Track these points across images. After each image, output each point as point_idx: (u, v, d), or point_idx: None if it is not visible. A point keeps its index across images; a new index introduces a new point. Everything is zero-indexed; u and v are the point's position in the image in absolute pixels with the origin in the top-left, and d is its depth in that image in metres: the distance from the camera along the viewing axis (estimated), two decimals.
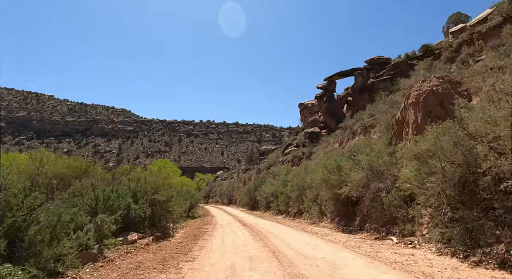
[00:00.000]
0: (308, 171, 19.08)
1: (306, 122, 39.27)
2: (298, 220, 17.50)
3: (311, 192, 16.27)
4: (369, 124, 19.00)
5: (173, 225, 15.57)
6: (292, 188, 19.10)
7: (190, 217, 22.91)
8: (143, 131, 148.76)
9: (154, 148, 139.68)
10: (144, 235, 10.19)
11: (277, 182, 23.72)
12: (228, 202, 44.02)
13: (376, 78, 30.28)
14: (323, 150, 24.72)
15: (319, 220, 14.58)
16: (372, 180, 9.81)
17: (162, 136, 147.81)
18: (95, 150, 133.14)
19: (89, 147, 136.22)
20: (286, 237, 9.88)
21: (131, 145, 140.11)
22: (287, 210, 20.29)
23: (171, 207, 13.01)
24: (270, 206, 25.23)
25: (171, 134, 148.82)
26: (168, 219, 12.57)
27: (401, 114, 10.33)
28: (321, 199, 14.34)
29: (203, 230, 13.19)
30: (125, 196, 9.71)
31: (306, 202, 16.75)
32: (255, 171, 39.32)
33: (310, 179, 15.98)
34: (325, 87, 33.96)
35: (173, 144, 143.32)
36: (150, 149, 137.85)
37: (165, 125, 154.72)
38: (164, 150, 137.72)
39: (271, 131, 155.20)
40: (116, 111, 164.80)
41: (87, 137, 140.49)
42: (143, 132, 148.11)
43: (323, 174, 12.08)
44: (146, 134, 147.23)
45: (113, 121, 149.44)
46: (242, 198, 34.83)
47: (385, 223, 9.21)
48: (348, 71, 32.89)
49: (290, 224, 14.95)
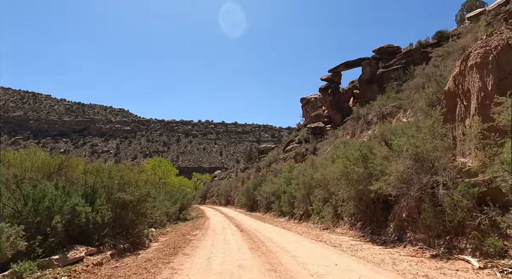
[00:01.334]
0: (315, 166, 16.19)
1: (308, 118, 36.37)
2: (306, 223, 14.58)
3: (322, 190, 13.36)
4: (387, 112, 16.13)
5: (155, 230, 12.64)
6: (297, 186, 16.19)
7: (181, 220, 19.98)
8: (141, 131, 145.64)
9: (152, 148, 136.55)
10: (103, 248, 7.25)
11: (279, 180, 20.81)
12: (226, 203, 41.04)
13: (386, 68, 27.44)
14: (330, 144, 21.81)
15: (333, 225, 11.66)
16: (419, 171, 6.91)
17: (160, 136, 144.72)
18: (93, 150, 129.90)
19: (86, 146, 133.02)
20: (300, 251, 6.98)
21: (129, 144, 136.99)
22: (292, 211, 17.37)
23: (149, 208, 10.07)
24: (271, 207, 22.31)
25: (169, 134, 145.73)
26: (143, 224, 9.63)
27: (454, 83, 7.47)
28: (337, 199, 11.45)
29: (189, 238, 10.25)
30: (72, 194, 6.78)
31: (316, 202, 13.84)
32: (254, 169, 36.36)
33: (321, 175, 13.07)
34: (330, 79, 31.09)
35: (171, 144, 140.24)
36: (148, 149, 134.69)
37: (163, 125, 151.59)
38: (162, 150, 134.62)
39: (270, 131, 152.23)
40: (114, 111, 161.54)
41: (84, 137, 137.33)
42: (141, 132, 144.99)
43: (343, 166, 9.17)
44: (144, 134, 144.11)
45: (111, 121, 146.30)
46: (240, 198, 31.86)
47: (444, 232, 6.31)
48: (355, 61, 30.04)
49: (298, 230, 12.02)
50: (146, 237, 10.01)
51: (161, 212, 13.68)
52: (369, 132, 16.18)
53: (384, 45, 29.05)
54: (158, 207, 11.71)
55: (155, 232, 12.23)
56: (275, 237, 9.70)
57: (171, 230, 13.84)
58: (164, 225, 15.36)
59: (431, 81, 9.54)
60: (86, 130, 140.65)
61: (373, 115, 16.95)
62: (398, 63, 26.62)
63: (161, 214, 13.63)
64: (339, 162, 9.77)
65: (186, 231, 13.06)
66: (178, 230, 13.53)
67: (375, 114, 16.72)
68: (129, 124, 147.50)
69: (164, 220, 15.40)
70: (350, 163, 8.95)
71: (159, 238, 10.81)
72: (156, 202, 11.30)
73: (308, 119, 36.40)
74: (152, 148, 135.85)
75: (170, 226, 15.69)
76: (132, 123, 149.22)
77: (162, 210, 14.81)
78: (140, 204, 9.31)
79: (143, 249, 8.57)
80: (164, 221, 15.38)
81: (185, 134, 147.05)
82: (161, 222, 14.87)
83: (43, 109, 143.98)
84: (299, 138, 34.01)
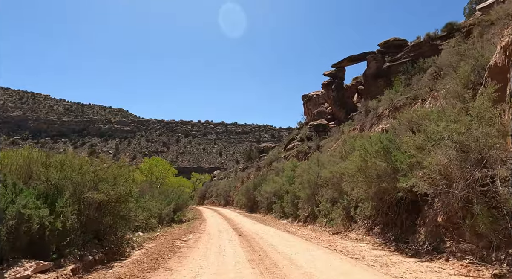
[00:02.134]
0: (322, 164, 14.66)
1: (310, 115, 34.88)
2: (312, 226, 13.04)
3: (330, 189, 11.85)
4: (400, 104, 14.61)
5: (142, 234, 11.11)
6: (301, 185, 14.65)
7: (176, 222, 18.44)
8: (141, 132, 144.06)
9: (152, 148, 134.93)
10: (64, 262, 5.71)
11: (281, 179, 19.27)
12: (225, 203, 39.47)
13: (393, 62, 25.99)
14: (335, 141, 20.29)
15: (345, 229, 10.12)
16: (463, 164, 5.39)
17: (160, 136, 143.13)
18: (92, 150, 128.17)
19: (85, 147, 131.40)
20: (313, 266, 5.44)
21: (128, 145, 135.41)
22: (295, 213, 15.82)
23: (133, 210, 8.52)
24: (272, 207, 20.78)
25: (169, 135, 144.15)
26: (123, 228, 8.07)
27: (505, 55, 5.97)
28: (349, 199, 9.92)
29: (179, 245, 8.71)
30: (19, 193, 5.24)
31: (323, 203, 12.29)
32: (254, 169, 34.80)
33: (330, 172, 11.54)
34: (333, 74, 29.60)
35: (171, 144, 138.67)
36: (148, 149, 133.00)
37: (163, 126, 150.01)
38: (161, 150, 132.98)
39: (270, 132, 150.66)
40: (114, 111, 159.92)
41: (83, 137, 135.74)
42: (141, 133, 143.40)
43: (361, 161, 7.63)
44: (143, 135, 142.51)
45: (110, 121, 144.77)
46: (239, 199, 30.32)
47: (505, 244, 4.78)
48: (360, 55, 28.56)
49: (305, 234, 10.48)
50: (128, 244, 8.47)
51: (150, 214, 12.13)
52: (380, 126, 14.66)
53: (390, 38, 27.58)
54: (145, 207, 10.15)
55: (142, 236, 10.69)
56: (279, 244, 8.15)
57: (162, 233, 12.28)
58: (154, 228, 13.83)
59: (463, 61, 8.03)
60: (85, 131, 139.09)
61: (384, 108, 15.43)
62: (406, 57, 25.18)
63: (150, 216, 12.08)
64: (354, 156, 8.23)
65: (178, 235, 11.51)
66: (169, 234, 11.98)
67: (386, 107, 15.21)
68: (128, 125, 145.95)
69: (155, 223, 13.87)
70: (370, 156, 7.40)
71: (144, 244, 9.26)
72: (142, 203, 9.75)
73: (310, 117, 34.90)
74: (152, 148, 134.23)
75: (162, 229, 14.15)
76: (132, 124, 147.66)
77: (152, 212, 13.29)
78: (119, 205, 7.77)
79: (120, 260, 7.03)
80: (155, 223, 13.85)
81: (185, 135, 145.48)
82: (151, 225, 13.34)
83: (42, 109, 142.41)
84: (300, 136, 32.50)
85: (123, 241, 8.10)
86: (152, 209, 13.33)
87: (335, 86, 28.77)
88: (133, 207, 8.62)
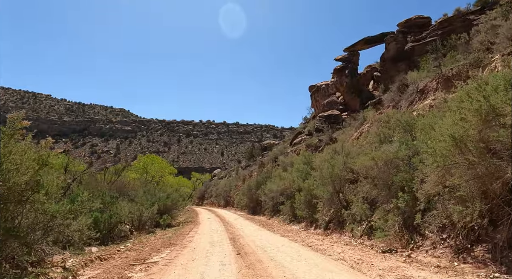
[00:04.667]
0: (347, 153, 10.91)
1: (319, 107, 31.13)
2: (339, 236, 9.29)
3: (369, 184, 8.11)
4: (452, 73, 10.86)
5: (96, 250, 7.40)
6: (322, 181, 10.86)
7: (162, 226, 14.75)
8: (142, 132, 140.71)
9: (153, 148, 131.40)
10: None
11: (291, 174, 15.49)
12: (225, 204, 35.69)
13: (417, 42, 22.26)
14: (356, 129, 16.53)
15: (402, 245, 6.36)
16: None
17: (161, 136, 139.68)
18: (92, 150, 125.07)
19: (86, 147, 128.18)
20: None
21: (129, 145, 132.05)
22: (311, 216, 12.07)
23: (56, 215, 4.85)
24: (279, 209, 17.04)
25: (170, 135, 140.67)
26: (23, 249, 4.35)
27: None
28: (407, 197, 6.19)
29: (131, 277, 5.00)
30: None
31: (358, 204, 8.52)
32: (257, 166, 31.00)
33: (371, 159, 7.77)
34: (346, 59, 25.83)
35: (172, 144, 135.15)
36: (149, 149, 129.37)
37: (164, 125, 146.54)
38: (163, 150, 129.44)
39: (272, 132, 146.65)
40: (115, 111, 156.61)
41: (84, 137, 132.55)
42: (142, 133, 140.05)
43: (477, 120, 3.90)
44: (144, 135, 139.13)
45: (111, 121, 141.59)
46: (240, 199, 26.55)
47: None
48: (377, 37, 24.84)
49: (338, 252, 6.73)
50: (44, 274, 4.75)
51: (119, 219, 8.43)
52: (426, 102, 10.90)
53: (412, 17, 23.83)
54: (81, 210, 6.42)
55: (93, 254, 6.94)
56: (307, 275, 4.41)
57: (131, 246, 8.55)
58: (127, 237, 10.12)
59: None
60: (86, 131, 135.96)
61: (427, 81, 11.67)
62: (433, 35, 21.43)
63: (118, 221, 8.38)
64: (445, 123, 4.48)
65: (150, 250, 7.78)
66: (139, 248, 8.24)
67: (432, 78, 11.45)
68: (129, 125, 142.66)
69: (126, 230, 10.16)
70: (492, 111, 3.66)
71: (82, 272, 5.53)
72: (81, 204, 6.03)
73: (319, 109, 31.15)
74: (153, 148, 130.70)
75: (138, 238, 10.43)
76: (133, 123, 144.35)
77: (121, 215, 9.58)
78: (14, 206, 4.06)
79: None
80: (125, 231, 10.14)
81: (186, 135, 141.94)
82: (118, 233, 9.64)
83: (43, 109, 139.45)
84: (308, 129, 28.74)
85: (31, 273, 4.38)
86: (120, 212, 9.62)
87: (349, 72, 24.99)
88: (55, 210, 4.90)
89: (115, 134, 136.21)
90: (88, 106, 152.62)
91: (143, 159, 36.36)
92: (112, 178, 24.23)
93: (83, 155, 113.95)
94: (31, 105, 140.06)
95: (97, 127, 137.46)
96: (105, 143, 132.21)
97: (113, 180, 23.72)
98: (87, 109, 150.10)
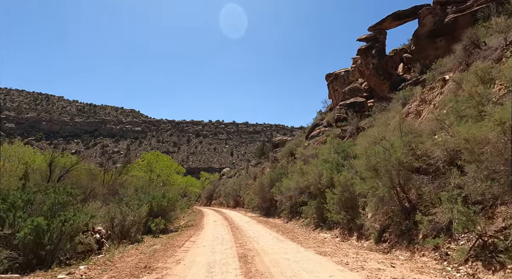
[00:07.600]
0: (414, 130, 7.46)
1: (337, 97, 27.55)
2: (410, 255, 5.86)
3: (477, 173, 4.65)
4: None
5: None
6: (372, 172, 7.40)
7: (154, 233, 11.54)
8: (152, 132, 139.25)
9: (163, 148, 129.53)
10: None
11: (318, 166, 11.98)
12: (234, 204, 32.43)
13: (461, 12, 18.48)
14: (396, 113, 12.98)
15: None
16: None
17: (171, 136, 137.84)
18: (103, 151, 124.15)
19: (97, 147, 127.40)
20: None
21: (139, 145, 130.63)
22: (351, 221, 8.63)
23: None
24: (299, 210, 13.69)
25: (179, 135, 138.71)
26: None
27: None
28: None
29: None
30: None
31: (458, 206, 5.08)
32: (270, 162, 27.63)
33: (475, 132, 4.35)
34: (372, 38, 22.19)
35: (181, 144, 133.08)
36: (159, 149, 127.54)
37: (173, 126, 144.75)
38: (172, 150, 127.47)
39: (282, 131, 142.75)
40: (125, 112, 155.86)
41: (95, 138, 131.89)
42: (152, 133, 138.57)
43: None
44: (154, 135, 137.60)
45: (122, 122, 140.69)
46: (252, 199, 23.20)
47: None
48: (408, 11, 21.16)
49: None
50: None
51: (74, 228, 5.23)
52: None
53: None
54: None
55: None
56: None
57: (79, 274, 5.35)
58: (90, 252, 6.95)
59: None
60: (97, 131, 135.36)
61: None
62: (481, 2, 17.67)
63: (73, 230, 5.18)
64: None
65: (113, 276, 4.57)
66: (99, 276, 5.04)
67: None
68: (139, 125, 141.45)
69: (90, 243, 6.95)
70: None
71: None
72: None
73: (337, 99, 27.56)
74: (163, 148, 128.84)
75: (110, 253, 7.25)
76: (143, 124, 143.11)
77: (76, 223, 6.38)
78: None
79: None
80: (91, 244, 6.96)
81: (196, 135, 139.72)
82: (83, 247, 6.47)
83: (55, 110, 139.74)
84: (327, 120, 25.23)
85: None
86: (77, 219, 6.40)
87: (376, 52, 21.35)
88: None
89: (126, 135, 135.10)
90: (99, 107, 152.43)
91: (147, 156, 33.38)
92: (113, 176, 21.39)
93: (94, 156, 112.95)
94: (44, 106, 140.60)
95: (107, 128, 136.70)
96: (116, 144, 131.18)
97: (113, 179, 20.86)
98: (98, 110, 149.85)
